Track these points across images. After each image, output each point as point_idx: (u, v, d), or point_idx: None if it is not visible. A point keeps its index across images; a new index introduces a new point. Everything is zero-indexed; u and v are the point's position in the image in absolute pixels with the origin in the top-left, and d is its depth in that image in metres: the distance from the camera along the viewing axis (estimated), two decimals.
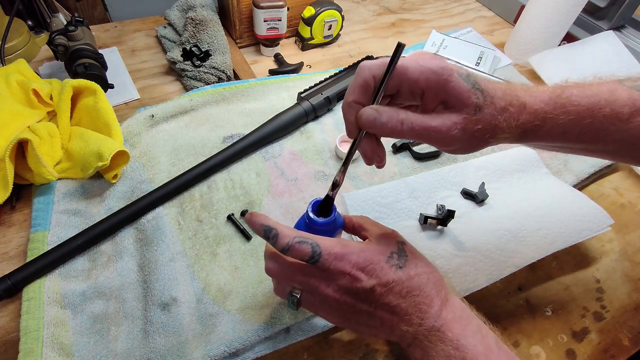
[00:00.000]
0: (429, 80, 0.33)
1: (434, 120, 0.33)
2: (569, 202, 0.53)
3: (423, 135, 0.34)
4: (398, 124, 0.33)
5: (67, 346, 0.40)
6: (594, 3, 0.81)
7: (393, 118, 0.33)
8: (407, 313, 0.33)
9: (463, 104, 0.33)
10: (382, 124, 0.33)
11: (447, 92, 0.33)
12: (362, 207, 0.50)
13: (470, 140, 0.34)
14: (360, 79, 0.34)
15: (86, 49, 0.59)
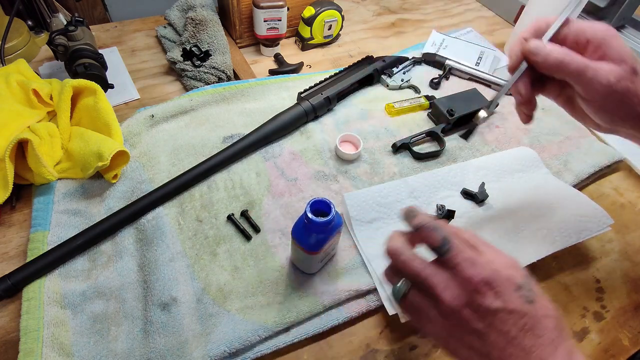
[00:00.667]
0: (597, 32, 0.36)
1: (595, 62, 0.36)
2: (569, 202, 0.53)
3: (579, 72, 0.36)
4: (558, 55, 0.36)
5: (67, 346, 0.40)
6: (594, 3, 0.81)
7: (555, 49, 0.37)
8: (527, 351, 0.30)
9: (623, 60, 0.35)
10: (547, 53, 0.37)
11: (611, 47, 0.36)
12: (362, 207, 0.50)
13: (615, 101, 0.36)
14: (535, 23, 0.40)
15: (86, 49, 0.59)
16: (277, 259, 0.48)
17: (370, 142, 0.61)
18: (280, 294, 0.45)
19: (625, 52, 0.36)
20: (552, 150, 0.62)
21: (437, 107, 0.64)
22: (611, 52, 0.36)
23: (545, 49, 0.37)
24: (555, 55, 0.37)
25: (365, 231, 0.49)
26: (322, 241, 0.40)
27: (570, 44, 0.38)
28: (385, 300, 0.45)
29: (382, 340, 0.44)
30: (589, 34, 0.37)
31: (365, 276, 0.47)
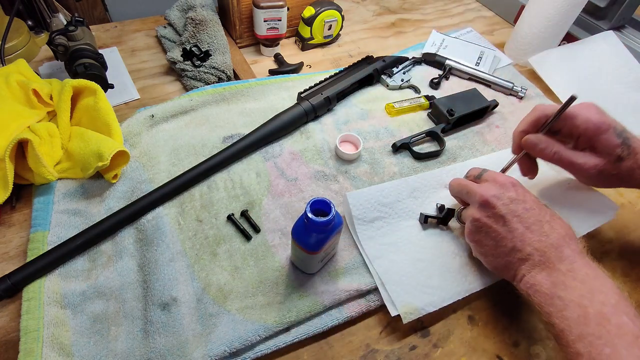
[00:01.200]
0: (588, 130, 0.44)
1: (580, 158, 0.45)
2: (573, 192, 0.53)
3: (567, 166, 0.46)
4: (551, 153, 0.46)
5: (67, 346, 0.40)
6: (594, 3, 0.81)
7: (549, 148, 0.46)
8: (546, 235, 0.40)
9: (607, 153, 0.43)
10: (540, 150, 0.46)
11: (599, 142, 0.43)
12: (364, 206, 0.50)
13: (604, 181, 0.45)
14: (534, 115, 0.47)
15: (86, 49, 0.59)
16: (277, 259, 0.48)
17: (370, 142, 0.61)
18: (280, 294, 0.45)
19: (611, 145, 0.43)
20: None
21: (437, 107, 0.64)
22: (599, 146, 0.44)
23: (539, 146, 0.46)
24: (547, 153, 0.46)
25: (366, 231, 0.49)
26: (322, 241, 0.40)
27: (566, 133, 0.46)
28: (387, 301, 0.45)
29: (382, 340, 0.44)
30: (581, 131, 0.44)
31: (365, 276, 0.47)
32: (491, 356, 0.43)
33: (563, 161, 0.45)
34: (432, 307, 0.44)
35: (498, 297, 0.47)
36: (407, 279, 0.46)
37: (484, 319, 0.46)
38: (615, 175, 0.44)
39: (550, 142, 0.46)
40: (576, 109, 0.44)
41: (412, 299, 0.44)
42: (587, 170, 0.44)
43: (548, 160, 0.46)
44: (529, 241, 0.40)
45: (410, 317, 0.43)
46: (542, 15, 0.72)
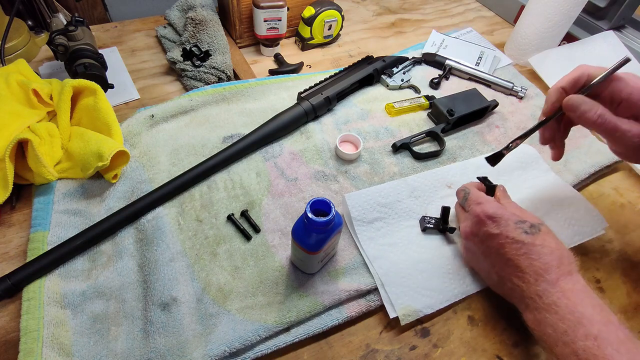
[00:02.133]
0: (632, 95, 0.40)
1: (625, 124, 0.40)
2: (567, 204, 0.53)
3: (610, 132, 0.41)
4: (595, 115, 0.41)
5: (67, 346, 0.40)
6: (594, 3, 0.81)
7: (593, 109, 0.41)
8: (522, 270, 0.39)
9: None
10: (583, 111, 0.41)
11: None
12: (363, 207, 0.50)
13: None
14: (576, 73, 0.43)
15: (86, 49, 0.59)
16: (277, 259, 0.48)
17: (370, 142, 0.61)
18: (280, 294, 0.45)
19: None
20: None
21: (437, 107, 0.64)
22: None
23: (582, 107, 0.41)
24: (590, 116, 0.41)
25: (366, 232, 0.49)
26: (322, 241, 0.40)
27: (606, 97, 0.42)
28: (386, 302, 0.45)
29: (382, 340, 0.44)
30: (624, 95, 0.41)
31: (365, 276, 0.47)
32: (491, 356, 0.43)
33: (606, 126, 0.41)
34: (430, 309, 0.44)
35: (498, 297, 0.47)
36: (406, 281, 0.46)
37: (484, 319, 0.46)
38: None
39: (594, 104, 0.41)
40: (622, 74, 0.41)
41: (410, 301, 0.44)
42: (631, 138, 0.40)
43: (588, 124, 0.42)
44: (508, 277, 0.41)
45: (408, 319, 0.43)
46: (542, 15, 0.72)
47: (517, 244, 0.40)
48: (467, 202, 0.46)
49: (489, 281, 0.45)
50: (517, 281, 0.40)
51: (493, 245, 0.41)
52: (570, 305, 0.36)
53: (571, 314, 0.35)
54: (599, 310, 0.36)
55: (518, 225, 0.40)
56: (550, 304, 0.37)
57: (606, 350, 0.33)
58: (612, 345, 0.33)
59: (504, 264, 0.41)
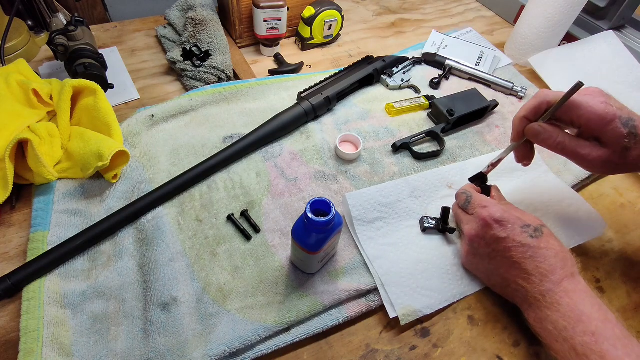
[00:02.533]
0: (591, 121, 0.41)
1: (584, 148, 0.42)
2: (566, 205, 0.53)
3: (571, 156, 0.44)
4: (554, 142, 0.43)
5: (67, 346, 0.40)
6: (594, 3, 0.81)
7: (552, 137, 0.43)
8: (528, 272, 0.40)
9: (614, 144, 0.41)
10: (543, 139, 0.44)
11: (604, 133, 0.41)
12: (364, 206, 0.50)
13: (609, 170, 0.44)
14: (536, 102, 0.44)
15: (86, 49, 0.59)
16: (277, 259, 0.48)
17: (370, 142, 0.61)
18: (280, 294, 0.45)
19: (617, 136, 0.40)
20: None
21: (437, 107, 0.64)
22: (604, 138, 0.41)
23: (542, 135, 0.44)
24: (551, 143, 0.44)
25: (366, 231, 0.49)
26: (322, 241, 0.40)
27: (567, 122, 0.44)
28: (386, 302, 0.45)
29: (382, 340, 0.44)
30: (584, 120, 0.42)
31: (365, 276, 0.47)
32: (491, 356, 0.43)
33: (567, 151, 0.43)
34: (429, 310, 0.44)
35: (498, 297, 0.47)
36: (406, 281, 0.46)
37: (484, 319, 0.46)
38: (621, 164, 0.42)
39: (554, 132, 0.43)
40: (580, 97, 0.42)
41: (410, 301, 0.44)
42: (592, 162, 0.42)
43: (550, 149, 0.44)
44: (513, 279, 0.42)
45: (408, 319, 0.43)
46: (542, 15, 0.72)
47: (523, 247, 0.40)
48: (470, 206, 0.46)
49: (491, 282, 0.46)
50: (523, 282, 0.41)
51: (499, 249, 0.42)
52: (572, 304, 0.37)
53: (572, 311, 0.37)
54: (597, 309, 0.37)
55: (524, 229, 0.41)
56: (552, 303, 0.38)
57: (603, 345, 0.34)
58: (609, 341, 0.34)
59: (510, 267, 0.42)
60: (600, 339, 0.35)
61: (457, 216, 0.49)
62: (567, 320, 0.37)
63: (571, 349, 0.36)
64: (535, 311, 0.40)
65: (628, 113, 0.41)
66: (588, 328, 0.35)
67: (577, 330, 0.36)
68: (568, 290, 0.38)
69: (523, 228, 0.41)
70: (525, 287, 0.41)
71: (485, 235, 0.43)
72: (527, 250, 0.40)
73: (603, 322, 0.36)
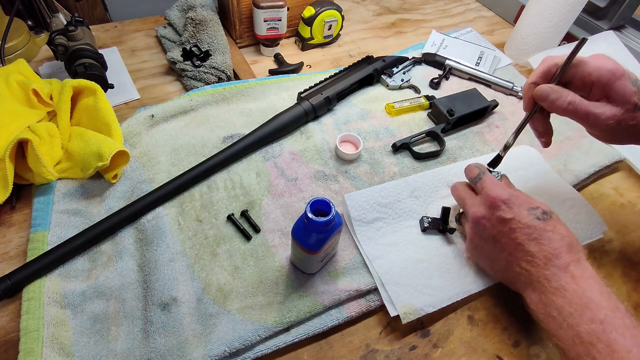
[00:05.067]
0: (601, 76, 0.40)
1: (597, 107, 0.41)
2: (568, 206, 0.53)
3: (583, 117, 0.42)
4: (565, 103, 0.41)
5: (67, 346, 0.40)
6: (594, 3, 0.81)
7: (563, 97, 0.41)
8: (532, 255, 0.39)
9: (625, 101, 0.40)
10: (553, 100, 0.42)
11: (614, 89, 0.40)
12: (363, 207, 0.50)
13: (620, 133, 0.41)
14: (544, 66, 0.43)
15: (86, 49, 0.59)
16: (277, 259, 0.48)
17: (370, 142, 0.61)
18: (280, 294, 0.45)
19: (628, 92, 0.39)
20: (552, 150, 0.62)
21: (437, 107, 0.64)
22: (614, 94, 0.40)
23: (551, 96, 0.42)
24: (560, 103, 0.42)
25: (366, 232, 0.49)
26: (322, 241, 0.40)
27: (577, 84, 0.42)
28: (386, 301, 0.45)
29: (382, 340, 0.44)
30: (594, 77, 0.41)
31: (365, 276, 0.47)
32: (491, 356, 0.43)
33: (578, 112, 0.41)
34: (431, 308, 0.44)
35: (498, 297, 0.47)
36: (407, 280, 0.46)
37: (484, 319, 0.46)
38: (632, 126, 0.40)
39: (563, 92, 0.42)
40: (586, 57, 0.42)
41: (411, 300, 0.44)
42: (605, 121, 0.40)
43: (562, 112, 0.42)
44: (516, 261, 0.41)
45: (409, 318, 0.43)
46: (542, 15, 0.72)
47: (528, 228, 0.40)
48: (480, 182, 0.44)
49: (494, 267, 0.44)
50: (526, 265, 0.40)
51: (504, 230, 0.41)
52: (579, 290, 0.36)
53: (579, 298, 0.36)
54: (607, 296, 0.36)
55: (531, 211, 0.41)
56: (558, 288, 0.37)
57: (611, 334, 0.33)
58: (617, 330, 0.33)
59: (514, 248, 0.41)
60: (608, 328, 0.33)
61: (462, 200, 0.46)
62: (574, 306, 0.36)
63: (576, 336, 0.35)
64: (540, 296, 0.39)
65: (635, 76, 0.41)
66: (596, 316, 0.34)
67: (584, 318, 0.35)
68: (575, 276, 0.37)
69: (530, 210, 0.41)
70: (529, 270, 0.40)
71: (491, 216, 0.42)
72: (532, 231, 0.40)
73: (612, 310, 0.35)
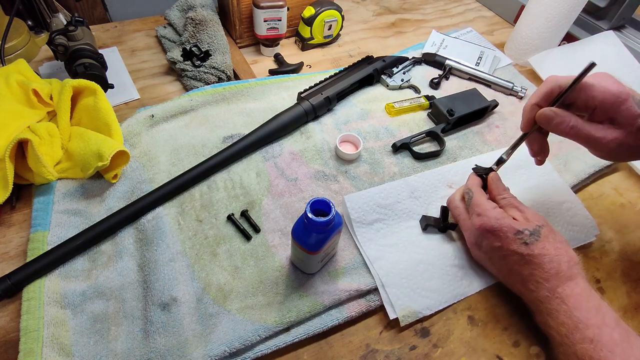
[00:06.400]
0: (606, 100, 0.40)
1: (598, 131, 0.41)
2: (565, 208, 0.53)
3: (584, 140, 0.42)
4: (567, 127, 0.41)
5: (67, 346, 0.40)
6: (594, 3, 0.81)
7: (565, 121, 0.41)
8: (524, 279, 0.41)
9: (628, 124, 0.40)
10: (556, 124, 0.42)
11: (619, 113, 0.40)
12: (363, 208, 0.50)
13: (622, 153, 0.42)
14: (547, 87, 0.43)
15: (86, 49, 0.59)
16: (277, 259, 0.48)
17: (370, 142, 0.61)
18: (280, 294, 0.45)
19: (632, 115, 0.39)
20: (552, 150, 0.61)
21: (437, 107, 0.64)
22: (619, 117, 0.40)
23: (554, 120, 0.42)
24: (563, 128, 0.42)
25: (366, 233, 0.49)
26: (322, 241, 0.40)
27: (580, 106, 0.42)
28: (386, 303, 0.45)
29: (382, 340, 0.44)
30: (598, 101, 0.40)
31: (365, 276, 0.47)
32: (491, 356, 0.43)
33: (580, 136, 0.42)
34: (429, 311, 0.45)
35: (498, 297, 0.47)
36: (406, 282, 0.46)
37: (484, 319, 0.46)
38: (635, 147, 0.41)
39: (566, 115, 0.41)
40: (591, 78, 0.41)
41: (410, 302, 0.44)
42: (607, 144, 0.41)
43: (564, 135, 0.42)
44: (512, 283, 0.44)
45: (408, 320, 0.43)
46: (542, 15, 0.72)
47: (517, 255, 0.41)
48: (470, 207, 0.46)
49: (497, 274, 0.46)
50: (521, 288, 0.42)
51: (495, 257, 0.43)
52: (568, 310, 0.38)
53: (569, 319, 0.38)
54: (594, 313, 0.37)
55: (517, 236, 0.41)
56: (551, 310, 0.39)
57: (601, 352, 0.35)
58: (607, 347, 0.35)
59: (508, 273, 0.43)
60: (598, 346, 0.35)
61: (456, 218, 0.49)
62: (566, 327, 0.38)
63: (573, 354, 0.37)
64: (537, 316, 0.41)
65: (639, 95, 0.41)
66: (585, 335, 0.36)
67: (576, 338, 0.37)
68: (563, 297, 0.39)
69: (516, 235, 0.41)
70: (525, 292, 0.42)
71: (481, 244, 0.44)
72: (520, 258, 0.41)
73: (600, 327, 0.36)
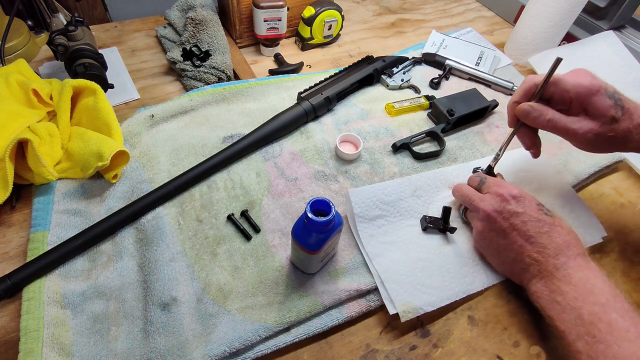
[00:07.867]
0: (579, 93, 0.43)
1: (574, 123, 0.44)
2: (569, 210, 0.53)
3: (562, 132, 0.45)
4: (545, 120, 0.45)
5: (67, 346, 0.40)
6: (594, 3, 0.81)
7: (542, 115, 0.45)
8: (543, 246, 0.42)
9: (601, 114, 0.43)
10: (534, 118, 0.45)
11: (591, 104, 0.43)
12: (366, 203, 0.50)
13: (601, 145, 0.44)
14: (525, 85, 0.46)
15: (86, 49, 0.59)
16: (277, 259, 0.48)
17: (370, 142, 0.61)
18: (280, 294, 0.45)
19: (604, 106, 0.42)
20: (552, 150, 0.62)
21: (437, 107, 0.64)
22: (591, 109, 0.43)
23: (532, 114, 0.45)
24: (541, 121, 0.45)
25: (367, 229, 0.49)
26: (322, 241, 0.40)
27: (558, 100, 0.45)
28: (385, 300, 0.45)
29: (382, 340, 0.44)
30: (572, 94, 0.44)
31: (365, 276, 0.47)
32: (491, 356, 0.43)
33: (558, 128, 0.45)
34: (430, 307, 0.44)
35: (498, 297, 0.47)
36: (406, 278, 0.46)
37: (484, 319, 0.46)
38: (612, 137, 0.43)
39: (543, 109, 0.45)
40: (568, 74, 0.45)
41: (411, 298, 0.44)
42: (583, 135, 0.44)
43: (543, 128, 0.46)
44: (527, 253, 0.43)
45: (408, 316, 0.43)
46: (542, 15, 0.72)
47: (539, 222, 0.43)
48: (484, 186, 0.48)
49: (501, 259, 0.46)
50: (537, 256, 0.42)
51: (516, 222, 0.43)
52: (584, 277, 0.40)
53: (584, 284, 0.39)
54: (608, 285, 0.39)
55: (539, 206, 0.44)
56: (565, 275, 0.40)
57: (611, 315, 0.36)
58: (617, 312, 0.37)
59: (526, 240, 0.43)
60: (609, 309, 0.37)
61: (469, 197, 0.48)
62: (578, 291, 0.39)
63: (578, 317, 0.38)
64: (547, 283, 0.41)
65: (613, 88, 0.44)
66: (598, 299, 0.38)
67: (587, 301, 0.38)
68: (581, 266, 0.40)
69: (538, 206, 0.44)
70: (539, 260, 0.42)
71: (503, 210, 0.44)
72: (543, 225, 0.43)
73: (613, 296, 0.38)
